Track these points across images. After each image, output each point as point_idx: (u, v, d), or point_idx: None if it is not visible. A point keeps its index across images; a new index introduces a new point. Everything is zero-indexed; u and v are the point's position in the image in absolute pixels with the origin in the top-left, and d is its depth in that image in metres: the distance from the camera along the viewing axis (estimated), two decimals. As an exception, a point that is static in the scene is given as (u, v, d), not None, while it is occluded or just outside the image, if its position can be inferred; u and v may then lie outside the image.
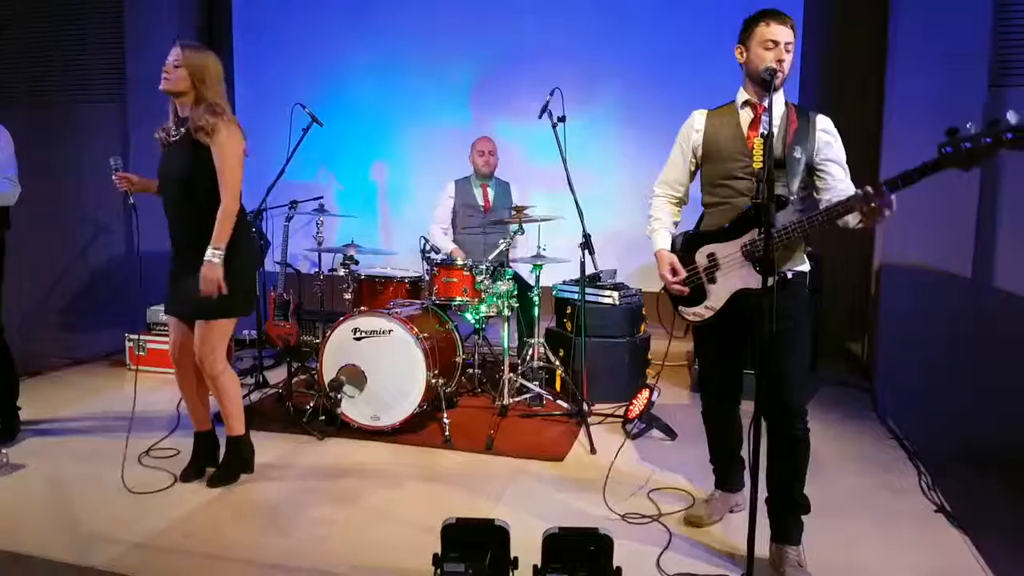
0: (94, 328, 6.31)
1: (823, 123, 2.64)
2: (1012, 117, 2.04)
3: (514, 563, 2.40)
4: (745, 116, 2.67)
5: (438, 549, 2.34)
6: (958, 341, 4.87)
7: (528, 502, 3.16)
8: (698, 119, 2.78)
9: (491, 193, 5.01)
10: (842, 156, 2.65)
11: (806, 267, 2.71)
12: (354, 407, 3.88)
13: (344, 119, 5.88)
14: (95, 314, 6.52)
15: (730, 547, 2.82)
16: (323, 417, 3.97)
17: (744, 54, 2.65)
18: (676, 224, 2.90)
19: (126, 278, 6.38)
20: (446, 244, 4.91)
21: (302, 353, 4.81)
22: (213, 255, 2.96)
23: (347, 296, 4.45)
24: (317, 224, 4.66)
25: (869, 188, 2.27)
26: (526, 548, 2.34)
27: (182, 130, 3.05)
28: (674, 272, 2.73)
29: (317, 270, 4.71)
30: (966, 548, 2.86)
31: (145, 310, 5.26)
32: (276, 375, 4.87)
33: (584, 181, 4.07)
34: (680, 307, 2.82)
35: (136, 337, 5.14)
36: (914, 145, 4.81)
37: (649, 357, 4.77)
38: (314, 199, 5.04)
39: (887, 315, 5.12)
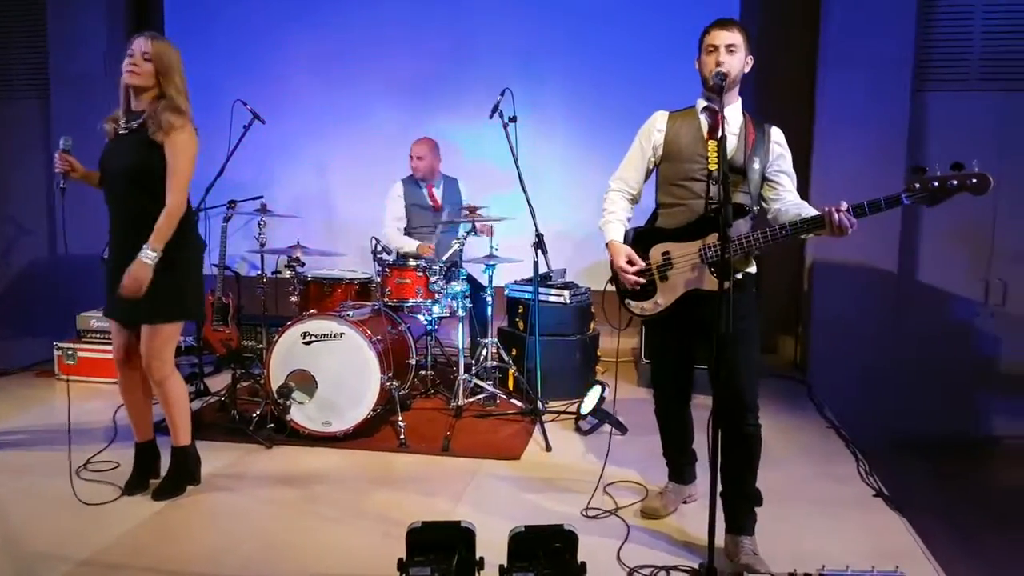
0: (16, 337, 6.02)
1: (776, 135, 2.77)
2: (975, 165, 2.28)
3: (480, 564, 2.41)
4: (704, 121, 2.76)
5: (400, 554, 2.33)
6: (886, 333, 5.11)
7: (488, 502, 3.17)
8: (660, 120, 2.84)
9: (438, 192, 4.98)
10: (791, 168, 2.78)
11: (754, 269, 2.80)
12: (304, 413, 3.81)
13: (284, 116, 5.74)
14: (18, 322, 6.22)
15: (686, 537, 2.89)
16: (271, 425, 3.88)
17: (698, 64, 2.76)
18: (628, 220, 2.95)
19: (52, 282, 6.10)
20: (408, 243, 4.84)
21: (244, 359, 4.69)
22: (147, 256, 2.82)
23: (293, 299, 4.37)
24: (259, 225, 4.55)
25: (837, 213, 2.39)
26: (489, 548, 2.35)
27: (135, 124, 2.93)
28: (631, 263, 2.78)
29: (259, 272, 4.60)
30: (904, 530, 3.01)
31: (75, 316, 5.03)
32: (216, 382, 4.74)
33: (532, 181, 4.09)
34: (627, 300, 2.88)
35: (66, 346, 4.93)
36: (843, 146, 5.10)
37: (599, 354, 4.84)
38: (253, 198, 4.92)
39: (819, 310, 5.33)
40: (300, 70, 6.09)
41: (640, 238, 2.85)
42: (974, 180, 2.30)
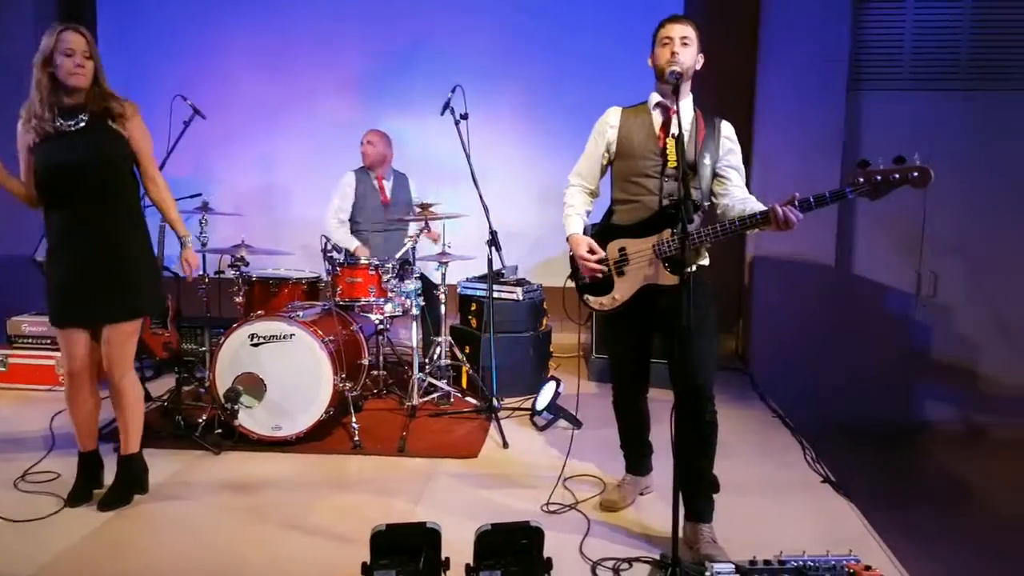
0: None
1: (727, 130, 2.82)
2: (917, 159, 2.35)
3: (445, 564, 2.39)
4: (657, 117, 2.79)
5: (360, 558, 2.30)
6: (824, 324, 5.27)
7: (448, 502, 3.15)
8: (613, 116, 2.87)
9: (388, 185, 4.92)
10: (740, 163, 2.84)
11: (707, 261, 2.86)
12: (252, 418, 3.71)
13: (225, 111, 5.59)
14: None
15: (645, 528, 2.94)
16: (219, 430, 3.77)
17: (652, 59, 2.79)
18: (588, 213, 2.97)
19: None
20: (348, 240, 4.77)
21: (187, 362, 4.55)
22: (189, 240, 3.15)
23: (238, 300, 4.25)
24: (200, 223, 4.41)
25: (783, 208, 2.44)
26: (452, 547, 2.34)
27: (83, 119, 2.83)
28: (592, 252, 2.80)
29: (202, 273, 4.45)
30: (853, 515, 3.11)
31: (5, 322, 4.79)
32: (156, 387, 4.58)
33: (482, 178, 4.08)
34: (586, 295, 2.91)
35: (-4, 353, 4.70)
36: (782, 142, 5.23)
37: (551, 350, 4.86)
38: (192, 196, 4.76)
39: (760, 302, 5.47)
40: (242, 64, 5.94)
41: (597, 235, 2.88)
42: (915, 173, 2.37)
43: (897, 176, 2.38)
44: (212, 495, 3.19)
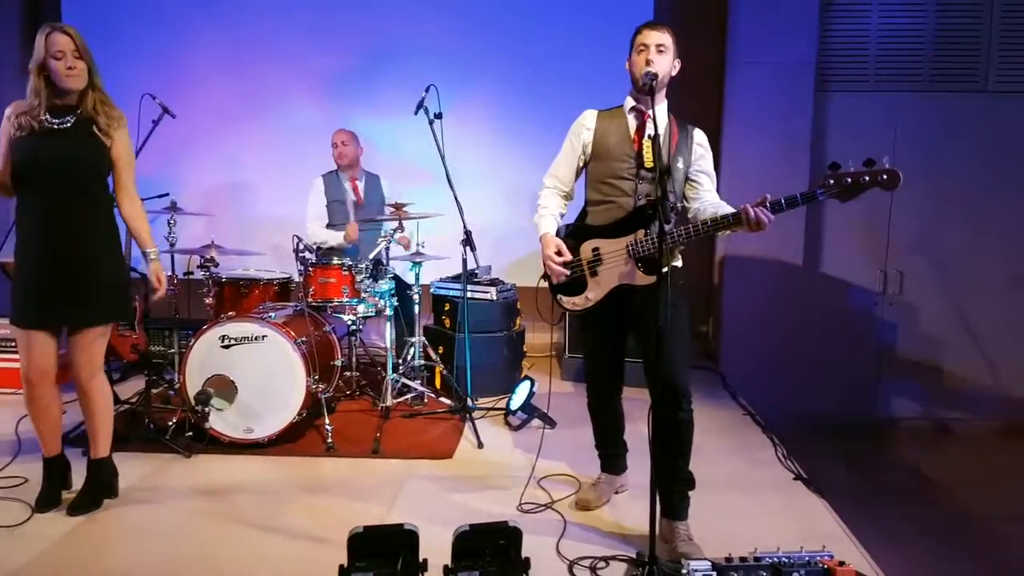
0: None
1: (699, 137, 2.87)
2: (887, 162, 2.39)
3: (423, 566, 2.38)
4: (632, 121, 2.82)
5: (335, 561, 2.28)
6: (792, 322, 5.35)
7: (423, 503, 3.14)
8: (589, 118, 2.88)
9: (361, 186, 4.88)
10: (711, 168, 2.88)
11: (679, 262, 2.90)
12: (224, 420, 3.66)
13: (192, 111, 5.49)
14: None
15: (621, 527, 2.95)
16: (190, 433, 3.71)
17: (628, 64, 2.81)
18: (562, 216, 2.99)
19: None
20: (332, 235, 4.72)
21: (156, 364, 4.47)
22: (156, 255, 3.04)
23: (208, 301, 4.19)
24: (169, 224, 4.34)
25: (755, 209, 2.47)
26: (429, 549, 2.33)
27: (70, 119, 2.79)
28: (559, 254, 2.81)
29: (170, 274, 4.38)
30: (825, 511, 3.16)
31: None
32: (124, 389, 4.49)
33: (454, 179, 4.06)
34: (559, 295, 2.92)
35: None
36: (750, 144, 5.30)
37: (524, 350, 4.87)
38: (159, 196, 4.68)
39: (730, 301, 5.54)
40: (208, 63, 5.86)
41: (571, 235, 2.90)
42: (884, 176, 2.42)
43: (867, 178, 2.43)
44: (184, 499, 3.14)
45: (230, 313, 3.83)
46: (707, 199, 2.81)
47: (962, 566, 3.38)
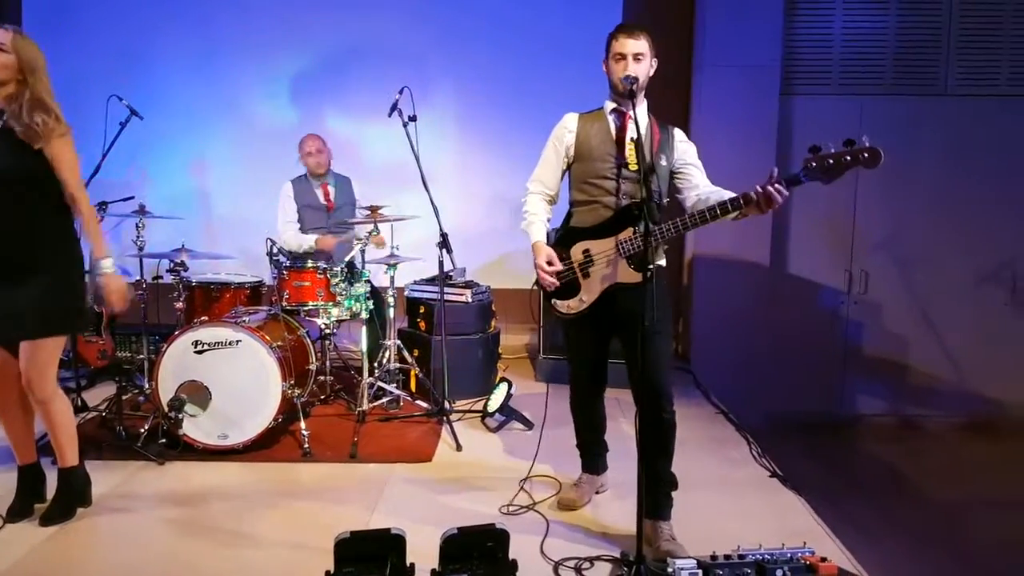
0: None
1: (680, 135, 2.91)
2: (867, 140, 2.41)
3: (410, 570, 2.37)
4: (613, 122, 2.84)
5: (318, 568, 2.26)
6: (761, 322, 5.44)
7: (405, 506, 3.12)
8: (571, 121, 2.90)
9: (332, 191, 4.83)
10: (698, 159, 2.92)
11: (663, 261, 2.92)
12: (197, 427, 3.60)
13: (158, 113, 5.39)
14: None
15: (604, 527, 2.96)
16: (163, 440, 3.64)
17: (606, 67, 2.84)
18: (548, 220, 3.00)
19: None
20: (307, 239, 4.66)
21: (125, 370, 4.38)
22: (109, 266, 2.80)
23: (178, 305, 4.12)
24: (137, 227, 4.24)
25: (768, 187, 2.50)
26: (413, 552, 2.33)
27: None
28: (550, 264, 2.82)
29: (139, 278, 4.29)
30: (802, 507, 3.21)
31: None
32: (92, 396, 4.39)
33: (427, 181, 4.05)
34: (553, 299, 2.92)
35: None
36: (717, 145, 5.36)
37: (500, 351, 4.87)
38: (125, 199, 4.58)
39: (700, 301, 5.60)
40: (174, 65, 5.75)
41: (560, 241, 2.92)
42: (866, 154, 2.42)
43: (848, 158, 2.43)
44: (159, 507, 3.08)
45: (203, 318, 3.77)
46: (703, 186, 2.84)
47: (934, 558, 3.47)
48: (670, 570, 2.36)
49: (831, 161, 2.44)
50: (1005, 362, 5.41)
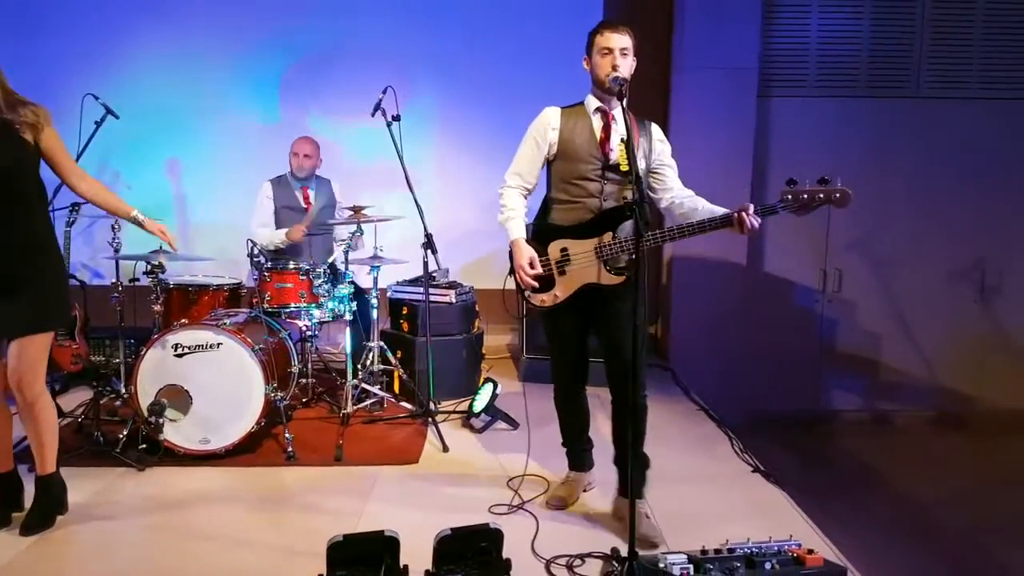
0: None
1: (657, 132, 2.95)
2: (839, 181, 2.57)
3: (404, 571, 2.37)
4: (597, 122, 2.86)
5: (307, 573, 2.25)
6: (738, 320, 5.50)
7: (393, 509, 3.11)
8: (553, 117, 2.90)
9: (312, 194, 4.78)
10: (671, 158, 2.97)
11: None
12: (178, 431, 3.55)
13: (134, 113, 5.30)
14: None
15: (592, 524, 2.99)
16: (143, 445, 3.58)
17: (588, 63, 2.86)
18: (525, 215, 3.02)
19: None
20: (278, 235, 4.61)
21: (102, 375, 4.30)
22: (140, 213, 3.04)
23: (156, 308, 4.05)
24: (113, 228, 4.17)
25: (748, 217, 2.62)
26: (406, 554, 2.33)
27: None
28: (532, 266, 2.85)
29: (115, 281, 4.22)
30: (784, 501, 3.26)
31: None
32: (66, 401, 4.30)
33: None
34: (527, 292, 2.96)
35: None
36: (695, 147, 5.42)
37: (483, 352, 4.86)
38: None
39: (679, 299, 5.65)
40: (154, 61, 5.65)
41: (540, 235, 2.94)
42: (838, 195, 2.60)
43: (821, 196, 2.60)
44: (141, 514, 3.03)
45: (183, 321, 3.71)
46: (676, 189, 2.92)
47: (909, 547, 3.55)
48: (662, 565, 2.38)
49: (805, 196, 2.60)
50: (975, 358, 5.54)
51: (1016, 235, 5.49)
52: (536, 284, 2.86)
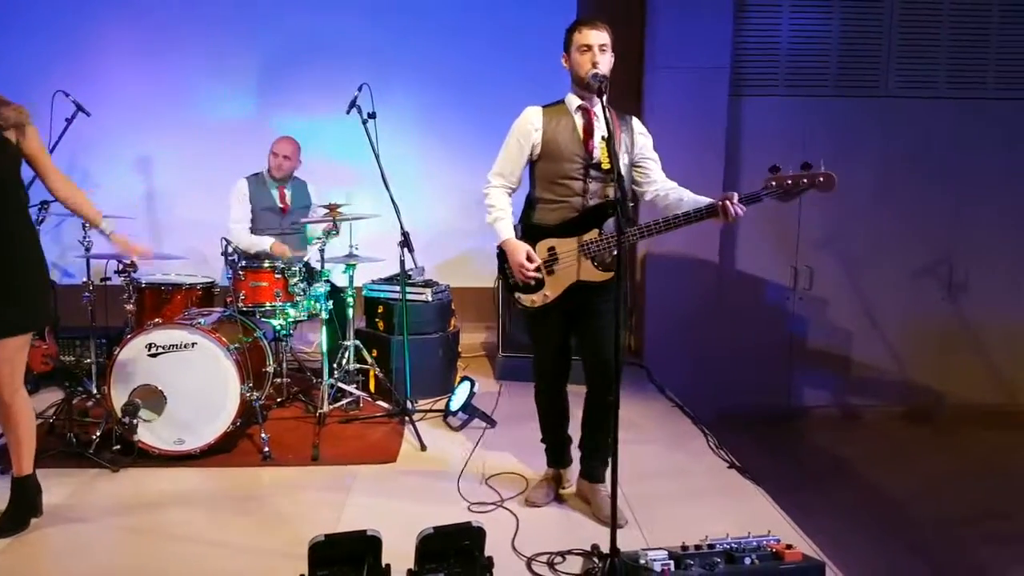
0: None
1: (638, 126, 2.98)
2: (823, 165, 2.59)
3: (386, 571, 2.36)
4: (579, 120, 2.87)
5: (288, 574, 2.23)
6: (711, 317, 5.56)
7: (373, 508, 3.09)
8: (535, 118, 2.91)
9: (288, 194, 4.74)
10: (654, 151, 3.00)
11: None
12: (153, 432, 3.50)
13: (104, 110, 5.19)
14: None
15: (572, 521, 3.01)
16: (117, 446, 3.53)
17: (567, 61, 2.87)
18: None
19: None
20: (260, 241, 4.54)
21: (74, 375, 4.23)
22: (109, 224, 3.00)
23: (128, 307, 4.00)
24: (84, 227, 4.10)
25: (733, 205, 2.64)
26: (387, 553, 2.32)
27: None
28: (530, 260, 2.86)
29: (86, 280, 4.15)
30: (760, 496, 3.30)
31: None
32: (37, 402, 4.19)
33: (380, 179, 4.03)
34: (517, 294, 2.97)
35: None
36: (668, 145, 5.42)
37: (459, 351, 4.86)
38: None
39: (652, 298, 5.69)
40: (125, 57, 5.55)
41: (526, 234, 2.95)
42: (822, 179, 2.62)
43: (805, 181, 2.61)
44: (116, 515, 2.99)
45: (156, 320, 3.66)
46: (660, 180, 2.96)
47: (881, 539, 3.62)
48: (642, 561, 2.40)
49: (789, 182, 2.62)
50: (942, 354, 5.66)
51: (982, 233, 5.62)
52: (540, 277, 2.87)
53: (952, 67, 5.55)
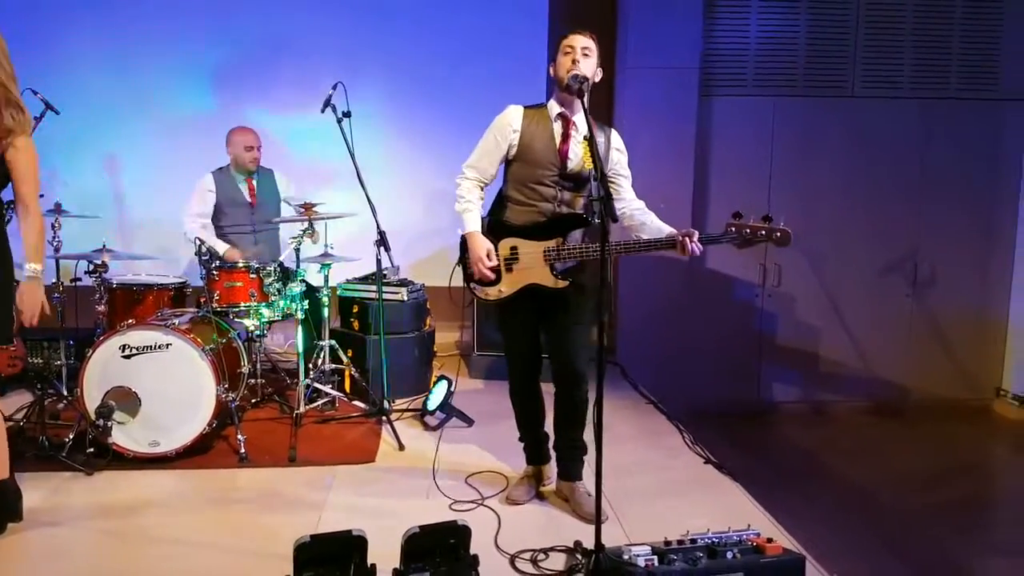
0: None
1: (616, 140, 3.03)
2: (782, 222, 2.68)
3: (371, 570, 2.36)
4: (558, 128, 2.91)
5: (276, 573, 2.22)
6: (682, 315, 5.62)
7: (353, 508, 3.09)
8: (515, 118, 2.94)
9: (256, 185, 4.68)
10: (627, 169, 3.06)
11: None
12: (127, 434, 3.46)
13: (75, 106, 5.06)
14: None
15: (553, 518, 3.04)
16: (91, 449, 3.47)
17: (553, 69, 2.93)
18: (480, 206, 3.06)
19: None
20: (215, 244, 4.49)
21: (45, 377, 4.14)
22: (35, 271, 2.66)
23: (100, 308, 3.94)
24: (53, 227, 4.02)
25: (691, 243, 2.74)
26: (370, 553, 2.33)
27: None
28: (489, 258, 2.91)
29: (56, 280, 4.06)
30: (738, 491, 3.36)
31: None
32: (5, 406, 4.12)
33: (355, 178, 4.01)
34: (473, 284, 3.04)
35: None
36: (639, 145, 5.50)
37: (435, 350, 4.86)
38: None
39: (625, 296, 5.74)
40: (93, 54, 5.45)
41: (492, 229, 2.99)
42: (778, 234, 2.70)
43: (763, 233, 2.71)
44: (93, 518, 2.96)
45: (130, 321, 3.61)
46: (628, 199, 3.01)
47: (853, 531, 3.71)
48: (626, 557, 2.43)
49: (748, 232, 2.71)
50: (907, 349, 5.80)
51: (946, 230, 5.76)
52: (492, 275, 2.92)
53: (916, 68, 5.67)
